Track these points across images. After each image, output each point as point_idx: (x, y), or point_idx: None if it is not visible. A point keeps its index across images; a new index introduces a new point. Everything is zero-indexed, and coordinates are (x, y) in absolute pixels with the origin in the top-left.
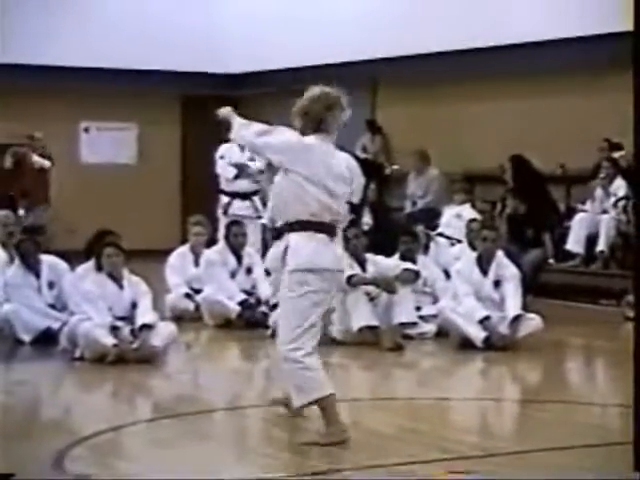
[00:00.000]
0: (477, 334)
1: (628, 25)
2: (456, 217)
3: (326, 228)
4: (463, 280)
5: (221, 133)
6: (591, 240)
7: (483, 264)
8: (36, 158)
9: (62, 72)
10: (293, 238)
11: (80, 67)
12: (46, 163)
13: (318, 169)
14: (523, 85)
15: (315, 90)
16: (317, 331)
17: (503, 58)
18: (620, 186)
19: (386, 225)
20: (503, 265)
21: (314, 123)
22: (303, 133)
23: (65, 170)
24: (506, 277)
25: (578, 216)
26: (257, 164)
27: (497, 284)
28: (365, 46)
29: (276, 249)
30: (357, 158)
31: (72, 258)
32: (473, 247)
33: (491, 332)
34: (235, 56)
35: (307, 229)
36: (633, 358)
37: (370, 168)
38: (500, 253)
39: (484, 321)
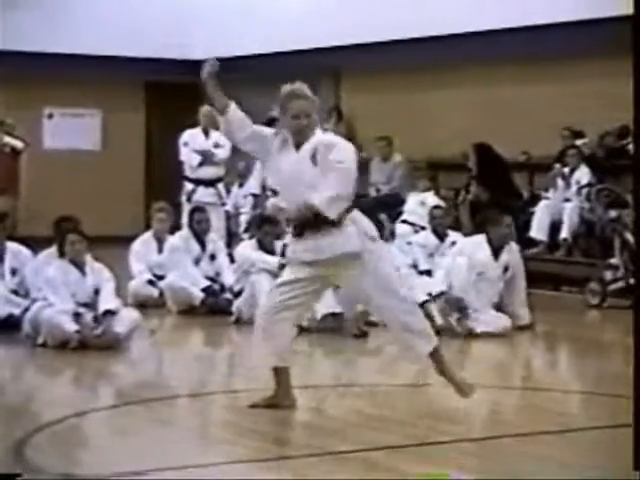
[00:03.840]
0: None
1: (587, 14)
2: (420, 204)
3: None
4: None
5: (185, 119)
6: (554, 227)
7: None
8: (7, 139)
9: (25, 58)
10: None
11: (43, 53)
12: (18, 144)
13: None
14: (486, 73)
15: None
16: None
17: (467, 46)
18: (584, 173)
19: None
20: (513, 252)
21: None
22: None
23: (28, 156)
24: (513, 263)
25: (541, 203)
26: (222, 152)
27: (506, 269)
28: (329, 33)
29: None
30: None
31: (35, 244)
32: (437, 234)
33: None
34: (199, 43)
35: None
36: (634, 352)
37: None
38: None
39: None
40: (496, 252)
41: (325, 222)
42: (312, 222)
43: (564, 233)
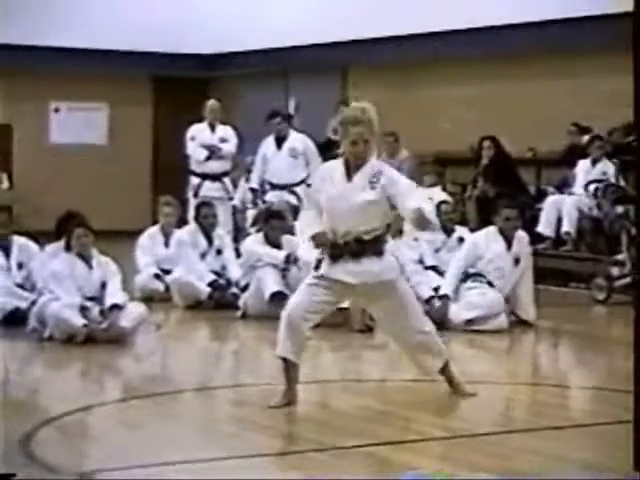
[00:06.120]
0: None
1: (594, 10)
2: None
3: None
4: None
5: (192, 114)
6: (561, 223)
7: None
8: None
9: (32, 51)
10: None
11: (51, 47)
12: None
13: None
14: (493, 68)
15: None
16: None
17: (474, 41)
18: (608, 166)
19: None
20: (523, 244)
21: None
22: None
23: (35, 150)
24: (523, 254)
25: (550, 199)
26: (228, 146)
27: (517, 261)
28: (337, 28)
29: None
30: (329, 140)
31: (39, 238)
32: (444, 229)
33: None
34: (206, 37)
35: None
36: (634, 349)
37: None
38: (521, 232)
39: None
40: (509, 242)
41: (370, 250)
42: (354, 248)
43: (565, 227)
